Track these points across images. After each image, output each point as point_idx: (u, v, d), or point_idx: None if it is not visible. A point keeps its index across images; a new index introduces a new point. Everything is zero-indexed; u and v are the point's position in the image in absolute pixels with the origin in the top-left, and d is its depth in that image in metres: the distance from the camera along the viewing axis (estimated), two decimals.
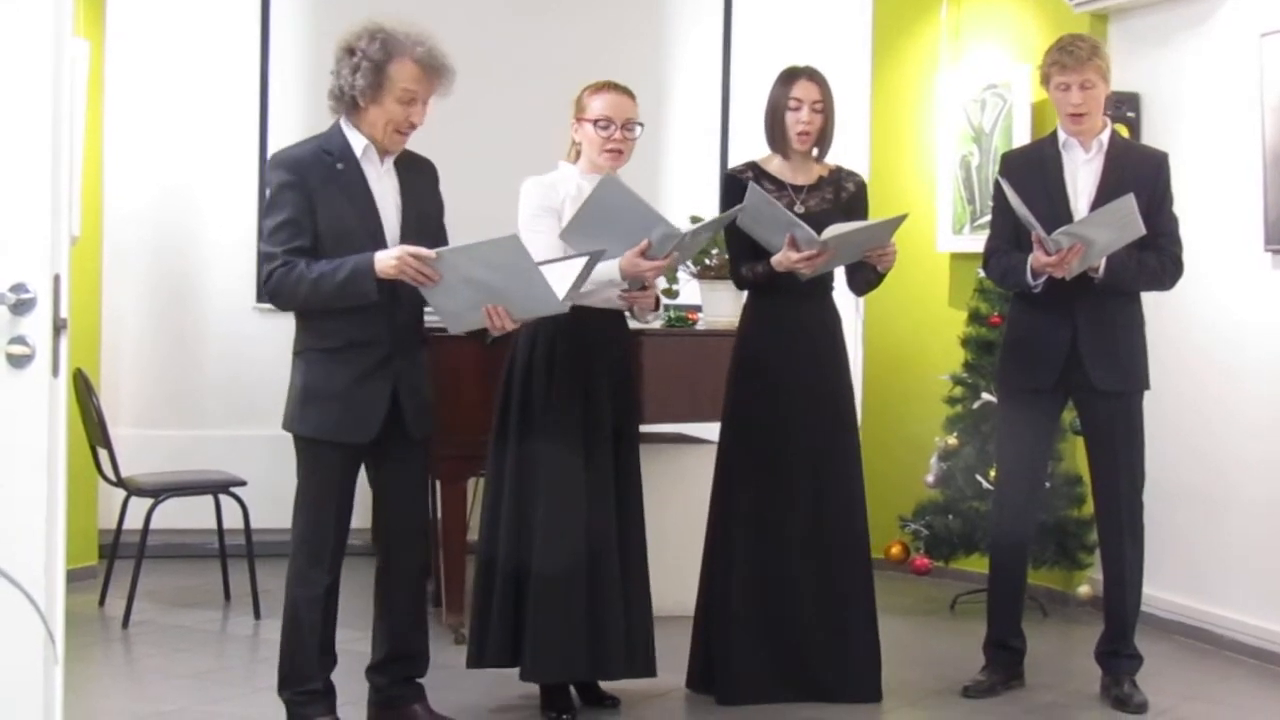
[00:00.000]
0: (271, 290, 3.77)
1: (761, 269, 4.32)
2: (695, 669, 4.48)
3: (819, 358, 4.42)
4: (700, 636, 4.47)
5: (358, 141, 3.83)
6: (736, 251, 4.44)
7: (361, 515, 3.98)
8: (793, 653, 4.37)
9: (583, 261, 3.83)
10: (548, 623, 4.09)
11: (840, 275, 4.53)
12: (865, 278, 4.45)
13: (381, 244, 3.74)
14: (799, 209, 4.34)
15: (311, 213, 3.75)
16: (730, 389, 4.48)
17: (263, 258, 3.79)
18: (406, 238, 3.78)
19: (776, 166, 4.44)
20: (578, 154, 4.23)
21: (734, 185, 4.38)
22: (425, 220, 3.90)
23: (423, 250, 3.65)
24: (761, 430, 4.38)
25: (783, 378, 4.38)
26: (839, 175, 4.50)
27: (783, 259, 4.21)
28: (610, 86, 4.19)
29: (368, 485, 3.99)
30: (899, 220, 4.27)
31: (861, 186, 4.53)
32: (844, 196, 4.46)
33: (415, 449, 3.95)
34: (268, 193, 3.83)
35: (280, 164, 3.81)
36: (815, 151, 4.44)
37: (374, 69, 3.74)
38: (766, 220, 4.19)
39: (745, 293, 4.57)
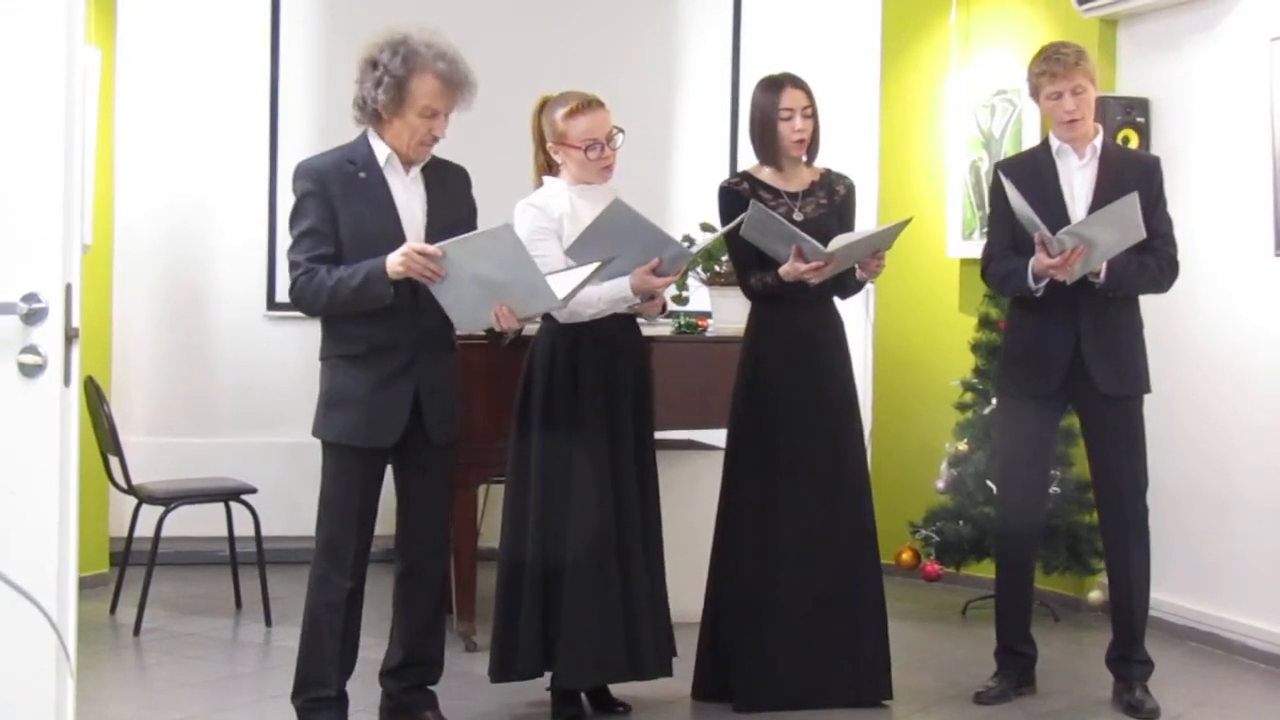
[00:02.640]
0: (295, 298, 3.83)
1: (771, 279, 4.32)
2: (702, 679, 4.47)
3: (823, 363, 4.43)
4: (707, 646, 4.47)
5: (381, 150, 3.86)
6: (743, 262, 4.44)
7: (382, 522, 3.99)
8: (804, 657, 4.36)
9: (591, 268, 3.84)
10: (584, 626, 4.09)
11: None
12: (844, 283, 4.45)
13: None
14: (797, 215, 4.35)
15: (334, 221, 3.79)
16: (736, 395, 4.48)
17: (290, 266, 3.84)
18: (429, 243, 3.78)
19: (769, 175, 4.44)
20: (548, 165, 4.22)
21: (730, 198, 4.38)
22: (455, 226, 3.89)
23: (428, 246, 3.69)
24: (768, 436, 4.39)
25: (788, 383, 4.38)
26: (830, 178, 4.51)
27: (790, 269, 4.22)
28: (585, 106, 4.13)
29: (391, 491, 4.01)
30: (903, 225, 4.27)
31: (851, 189, 4.54)
32: (837, 200, 4.48)
33: (439, 454, 3.98)
34: (292, 202, 3.87)
35: (303, 174, 3.86)
36: (804, 156, 4.44)
37: (395, 84, 3.77)
38: (771, 233, 4.20)
39: (750, 301, 4.57)
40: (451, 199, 3.98)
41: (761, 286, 4.39)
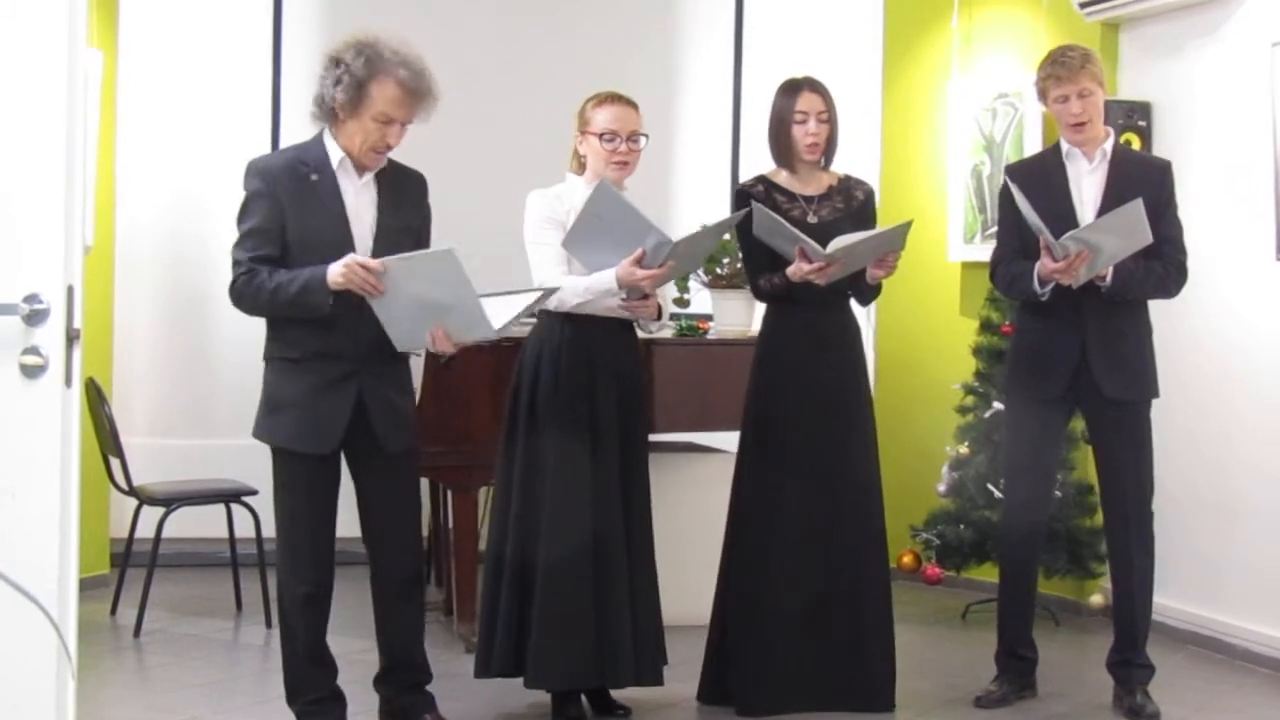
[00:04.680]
0: (235, 298, 3.78)
1: (779, 280, 4.33)
2: (708, 681, 4.46)
3: (835, 365, 4.42)
4: (715, 647, 4.46)
5: (335, 153, 3.82)
6: (754, 264, 4.45)
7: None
8: (811, 661, 4.34)
9: (533, 297, 3.84)
10: (553, 626, 4.08)
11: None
12: (860, 288, 4.46)
13: (349, 255, 3.73)
14: (812, 219, 4.35)
15: (280, 221, 3.75)
16: (751, 397, 4.48)
17: (232, 264, 3.79)
18: (379, 251, 3.75)
19: (786, 179, 4.45)
20: (582, 166, 4.24)
21: (745, 201, 4.38)
22: (405, 233, 3.87)
23: (370, 260, 3.65)
24: (778, 437, 4.38)
25: (803, 385, 4.37)
26: (848, 184, 4.50)
27: (795, 271, 4.23)
28: (613, 99, 4.19)
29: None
30: (906, 227, 4.26)
31: (870, 195, 4.54)
32: (854, 205, 4.47)
33: (397, 461, 3.91)
34: (242, 198, 3.83)
35: (253, 172, 3.83)
36: (822, 161, 4.44)
37: (355, 84, 3.72)
38: (776, 234, 4.21)
39: (762, 303, 4.57)
40: (404, 206, 3.91)
41: (770, 288, 4.40)
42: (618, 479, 4.19)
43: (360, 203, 3.84)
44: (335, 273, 3.65)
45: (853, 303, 4.53)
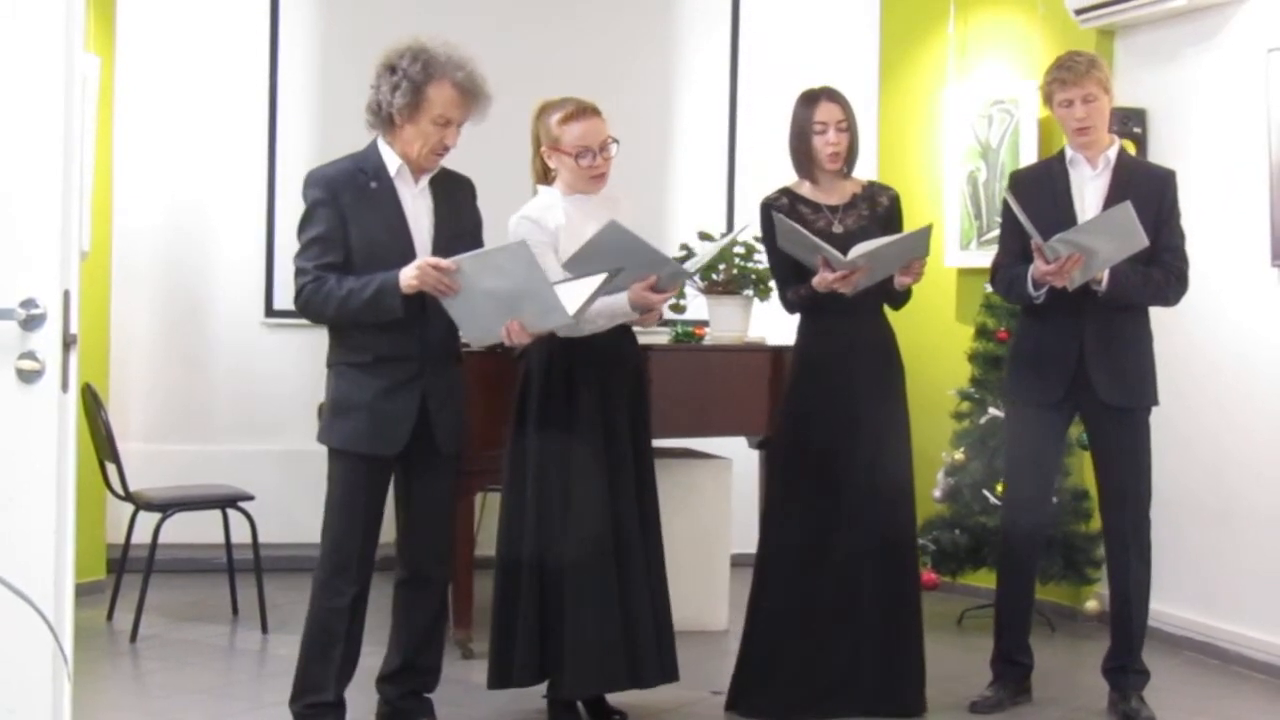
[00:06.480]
0: (301, 305, 3.83)
1: (805, 291, 4.33)
2: (739, 689, 4.43)
3: (874, 372, 4.41)
4: (747, 655, 4.43)
5: (392, 160, 3.88)
6: (781, 277, 4.46)
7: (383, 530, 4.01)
8: (844, 668, 4.33)
9: (600, 279, 3.85)
10: (584, 633, 4.07)
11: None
12: (890, 293, 4.46)
13: (411, 261, 3.77)
14: (837, 229, 4.35)
15: (344, 229, 3.80)
16: (785, 404, 4.49)
17: (296, 272, 3.84)
18: (438, 255, 3.80)
19: (809, 190, 4.44)
20: (546, 176, 4.21)
21: (769, 214, 4.38)
22: (460, 237, 3.92)
23: (443, 261, 3.70)
24: (816, 444, 4.37)
25: (838, 393, 4.36)
26: (872, 190, 4.51)
27: (820, 281, 4.23)
28: (579, 112, 4.13)
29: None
30: (926, 231, 4.26)
31: (895, 199, 4.53)
32: (879, 211, 4.47)
33: (444, 464, 4.00)
34: (303, 209, 3.88)
35: (314, 181, 3.87)
36: (844, 170, 4.44)
37: (413, 89, 3.78)
38: (798, 245, 4.22)
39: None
40: (458, 211, 3.99)
41: (796, 299, 4.41)
42: (632, 481, 4.20)
43: (418, 209, 3.90)
44: (409, 275, 3.70)
45: (894, 309, 4.53)
